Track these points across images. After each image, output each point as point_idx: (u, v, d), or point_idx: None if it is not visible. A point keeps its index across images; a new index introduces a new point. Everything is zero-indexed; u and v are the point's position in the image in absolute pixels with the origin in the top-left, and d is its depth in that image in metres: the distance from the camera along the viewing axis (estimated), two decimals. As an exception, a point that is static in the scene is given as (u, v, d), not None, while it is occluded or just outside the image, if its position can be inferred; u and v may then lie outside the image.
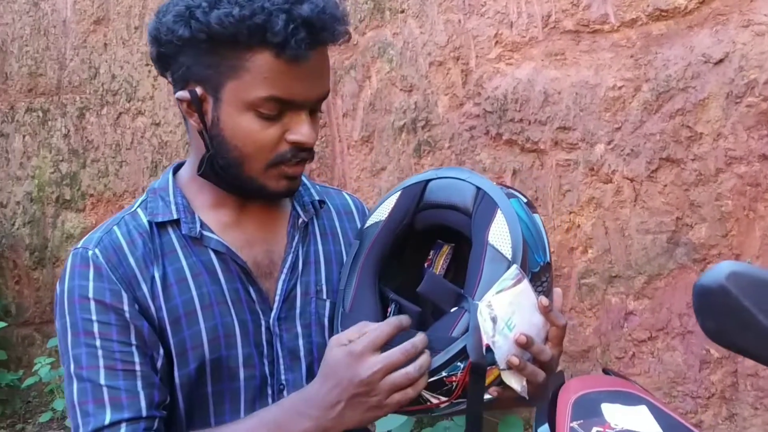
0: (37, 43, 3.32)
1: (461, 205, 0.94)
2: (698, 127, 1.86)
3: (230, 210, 1.01)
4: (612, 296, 2.05)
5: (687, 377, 1.95)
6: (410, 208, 0.98)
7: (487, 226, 0.89)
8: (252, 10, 0.85)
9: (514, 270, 0.86)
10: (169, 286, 0.95)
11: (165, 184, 1.02)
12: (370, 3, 2.42)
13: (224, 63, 0.89)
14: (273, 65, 0.88)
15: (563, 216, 2.11)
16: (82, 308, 0.92)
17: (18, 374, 3.42)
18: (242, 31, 0.86)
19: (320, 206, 1.09)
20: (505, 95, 2.17)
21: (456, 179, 0.96)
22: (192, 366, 0.95)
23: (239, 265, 0.98)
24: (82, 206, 3.28)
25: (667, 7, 1.89)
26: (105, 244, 0.95)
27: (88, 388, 0.90)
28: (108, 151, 3.17)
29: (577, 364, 2.12)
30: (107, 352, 0.91)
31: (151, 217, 0.98)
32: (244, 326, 0.97)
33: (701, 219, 1.88)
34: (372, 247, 0.98)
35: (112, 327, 0.91)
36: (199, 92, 0.92)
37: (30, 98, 3.39)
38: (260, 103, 0.89)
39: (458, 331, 0.85)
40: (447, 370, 0.85)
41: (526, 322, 0.87)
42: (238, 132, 0.91)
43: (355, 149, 2.49)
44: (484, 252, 0.88)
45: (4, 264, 3.57)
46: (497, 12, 2.18)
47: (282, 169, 0.94)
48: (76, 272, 0.94)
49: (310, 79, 0.91)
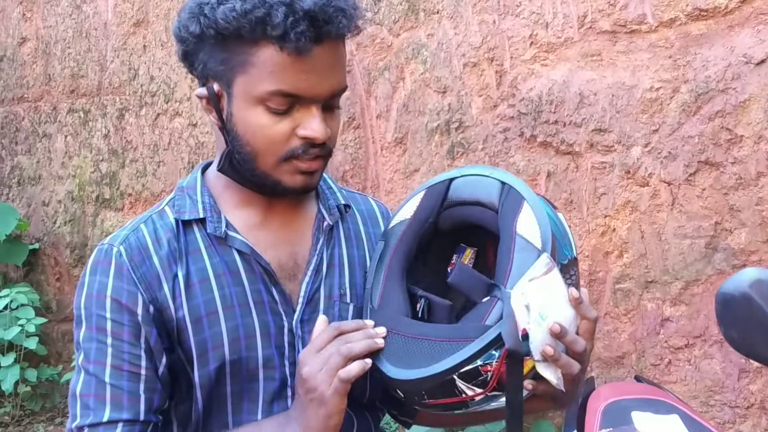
0: (79, 45, 3.39)
1: (486, 201, 0.94)
2: (738, 130, 1.82)
3: (256, 210, 1.01)
4: (648, 302, 2.01)
5: (725, 386, 1.90)
6: (435, 206, 0.98)
7: (514, 218, 0.89)
8: (253, 4, 0.86)
9: (545, 258, 0.86)
10: (191, 286, 0.96)
11: (193, 182, 1.02)
12: (404, 4, 2.42)
13: (233, 58, 0.90)
14: (277, 59, 0.88)
15: (598, 219, 2.07)
16: (99, 304, 0.94)
17: (58, 369, 3.49)
18: (244, 25, 0.86)
19: (345, 210, 1.08)
20: (540, 97, 2.15)
21: (480, 176, 0.96)
22: (212, 366, 0.95)
23: (263, 266, 0.98)
24: (121, 205, 3.34)
25: (706, 7, 1.85)
26: (130, 242, 0.96)
27: (92, 382, 0.92)
28: (146, 152, 3.23)
29: (611, 370, 2.09)
30: (116, 351, 0.93)
31: (178, 215, 0.98)
32: (265, 328, 0.98)
33: (741, 224, 1.84)
34: (398, 246, 0.98)
35: (124, 327, 0.93)
36: (215, 88, 0.93)
37: (72, 99, 3.47)
38: (268, 97, 0.90)
39: (492, 319, 0.85)
40: (482, 358, 0.84)
41: (558, 313, 0.86)
42: (249, 127, 0.92)
43: (389, 151, 2.49)
44: (513, 242, 0.88)
45: (46, 261, 3.65)
46: (532, 12, 2.16)
47: (295, 164, 0.93)
48: (98, 267, 0.95)
49: (317, 73, 0.90)
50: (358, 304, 1.03)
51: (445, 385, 0.86)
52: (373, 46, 2.49)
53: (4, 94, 3.73)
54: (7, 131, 3.74)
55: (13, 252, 3.54)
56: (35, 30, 3.56)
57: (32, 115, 3.63)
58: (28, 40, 3.59)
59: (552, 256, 0.87)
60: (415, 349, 0.88)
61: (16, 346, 3.22)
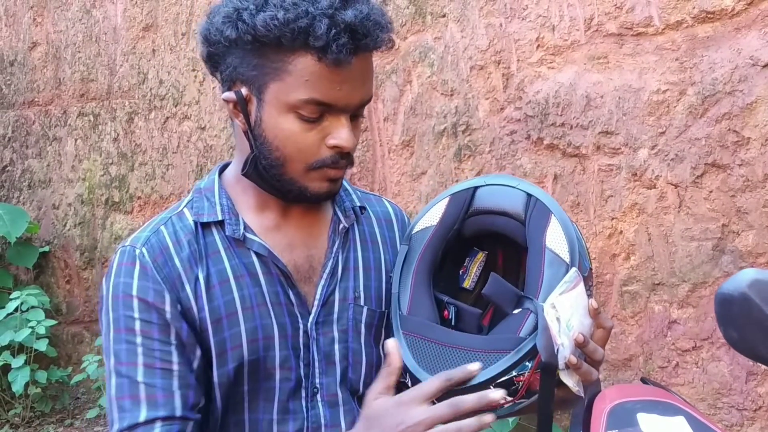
0: (89, 49, 3.42)
1: (512, 211, 0.96)
2: (745, 132, 1.82)
3: (273, 213, 1.02)
4: (655, 304, 2.01)
5: (733, 389, 1.90)
6: (460, 213, 1.00)
7: (543, 231, 0.92)
8: (296, 14, 0.86)
9: (573, 272, 0.88)
10: (212, 287, 0.97)
11: (211, 184, 1.03)
12: (411, 8, 2.43)
13: (268, 65, 0.90)
14: (314, 69, 0.89)
15: (605, 222, 2.07)
16: (126, 305, 0.94)
17: (67, 371, 3.51)
18: (286, 34, 0.87)
19: (361, 212, 1.10)
20: (547, 99, 2.15)
21: (505, 186, 0.98)
22: (230, 366, 0.96)
23: (280, 268, 0.99)
24: (130, 208, 3.36)
25: (713, 9, 1.85)
26: (152, 244, 0.97)
27: (125, 384, 0.92)
28: (155, 155, 3.25)
29: (618, 372, 2.09)
30: (147, 350, 0.93)
31: (197, 218, 0.99)
32: (282, 329, 0.99)
33: (748, 226, 1.83)
34: (425, 252, 0.99)
35: (153, 325, 0.93)
36: (244, 93, 0.94)
37: (82, 103, 3.50)
38: (301, 105, 0.90)
39: (525, 331, 0.87)
40: (516, 369, 0.86)
41: (580, 323, 0.88)
42: (279, 133, 0.93)
43: (396, 153, 2.50)
44: (543, 256, 0.90)
45: (56, 264, 3.68)
46: (539, 15, 2.16)
47: (324, 172, 0.95)
48: (122, 269, 0.95)
49: (351, 83, 0.92)
50: (372, 307, 1.05)
51: None
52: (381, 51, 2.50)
53: (15, 98, 3.76)
54: (18, 135, 3.77)
55: (24, 254, 3.57)
56: (45, 34, 3.59)
57: (42, 119, 3.66)
58: (39, 44, 3.62)
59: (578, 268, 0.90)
60: (449, 358, 0.89)
61: (26, 347, 3.25)
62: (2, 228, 3.35)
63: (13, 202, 3.78)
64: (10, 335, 3.17)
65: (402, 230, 1.14)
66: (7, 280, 3.63)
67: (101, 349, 3.23)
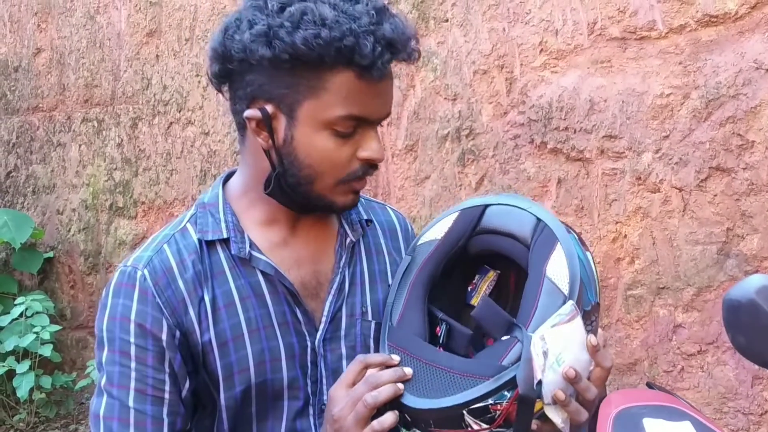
0: (93, 55, 3.43)
1: (519, 235, 0.94)
2: (750, 135, 1.82)
3: (281, 227, 1.00)
4: (660, 308, 2.01)
5: (738, 393, 1.89)
6: (467, 230, 0.98)
7: (546, 259, 0.89)
8: (341, 32, 0.85)
9: (570, 306, 0.86)
10: (217, 310, 0.95)
11: (215, 199, 1.01)
12: (414, 12, 2.43)
13: (303, 83, 0.88)
14: (354, 85, 0.88)
15: (609, 226, 2.07)
16: (122, 328, 0.93)
17: (72, 376, 3.51)
18: (330, 53, 0.85)
19: (367, 224, 1.09)
20: (550, 103, 2.15)
21: (516, 207, 0.96)
22: (238, 389, 0.96)
23: (286, 287, 0.98)
24: (134, 213, 3.37)
25: (716, 13, 1.85)
26: (154, 265, 0.95)
27: (116, 406, 0.92)
28: (159, 160, 3.25)
29: (623, 377, 2.08)
30: (140, 375, 0.92)
31: (201, 235, 0.98)
32: (290, 349, 0.98)
33: (753, 230, 1.83)
34: (424, 265, 0.98)
35: (148, 352, 0.93)
36: (270, 110, 0.91)
37: (86, 109, 3.51)
38: (338, 121, 0.89)
39: (509, 360, 0.85)
40: (494, 398, 0.84)
41: (574, 358, 0.86)
42: (312, 150, 0.91)
43: (399, 158, 2.50)
44: (541, 284, 0.88)
45: (60, 269, 3.68)
46: (542, 20, 2.16)
47: (351, 185, 0.95)
48: (122, 290, 0.94)
49: (384, 96, 0.92)
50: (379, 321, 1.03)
51: (454, 418, 0.86)
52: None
53: (20, 104, 3.77)
54: (22, 141, 3.78)
55: (28, 260, 3.57)
56: (50, 40, 3.60)
57: (47, 125, 3.67)
58: (43, 50, 3.64)
59: (577, 302, 0.87)
60: (429, 377, 0.88)
61: (31, 353, 3.25)
62: (7, 234, 3.36)
63: (17, 208, 3.79)
64: (14, 340, 3.18)
65: (406, 239, 1.13)
66: (11, 286, 3.63)
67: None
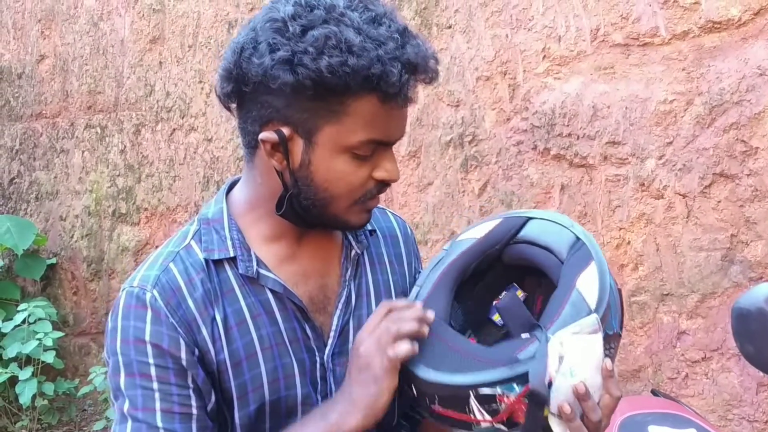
0: (96, 62, 3.44)
1: (556, 250, 0.95)
2: (753, 142, 1.81)
3: (287, 242, 1.00)
4: (664, 315, 2.00)
5: (743, 400, 1.88)
6: (506, 236, 0.99)
7: (578, 272, 0.90)
8: (369, 60, 0.83)
9: (594, 319, 0.86)
10: (229, 329, 0.94)
11: (219, 215, 1.00)
12: (417, 19, 2.43)
13: (324, 107, 0.87)
14: (377, 110, 0.87)
15: (613, 232, 2.07)
16: (138, 350, 0.90)
17: (74, 382, 3.51)
18: (357, 80, 0.84)
19: (371, 235, 1.08)
20: (553, 110, 2.15)
21: (558, 224, 0.97)
22: (252, 407, 0.95)
23: (295, 303, 0.97)
24: (137, 220, 3.37)
25: (720, 19, 1.85)
26: (163, 284, 0.93)
27: (143, 429, 0.89)
28: (162, 166, 3.25)
29: (627, 384, 2.07)
30: (165, 395, 0.90)
31: (207, 254, 0.96)
32: (302, 365, 0.97)
33: (757, 236, 1.82)
34: (459, 258, 0.99)
35: (169, 370, 0.90)
36: (286, 133, 0.89)
37: (89, 115, 3.51)
38: (359, 146, 0.89)
39: (525, 354, 0.85)
40: (503, 387, 0.84)
41: (587, 377, 0.85)
42: (331, 174, 0.90)
43: (402, 164, 2.50)
44: (570, 294, 0.88)
45: (63, 275, 3.68)
46: (545, 26, 2.16)
47: (366, 204, 0.94)
48: (131, 313, 0.92)
49: (402, 118, 0.92)
50: None
51: (460, 399, 0.86)
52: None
53: (23, 110, 3.78)
54: (26, 147, 3.79)
55: (31, 266, 3.57)
56: (53, 47, 3.61)
57: (50, 131, 3.68)
58: (47, 57, 3.65)
59: (602, 320, 0.87)
60: (444, 355, 0.88)
61: (33, 359, 3.25)
62: (10, 240, 3.36)
63: (20, 214, 3.79)
64: (17, 347, 3.17)
65: (407, 244, 1.13)
66: (14, 292, 3.63)
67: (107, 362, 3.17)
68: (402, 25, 0.88)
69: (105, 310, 3.51)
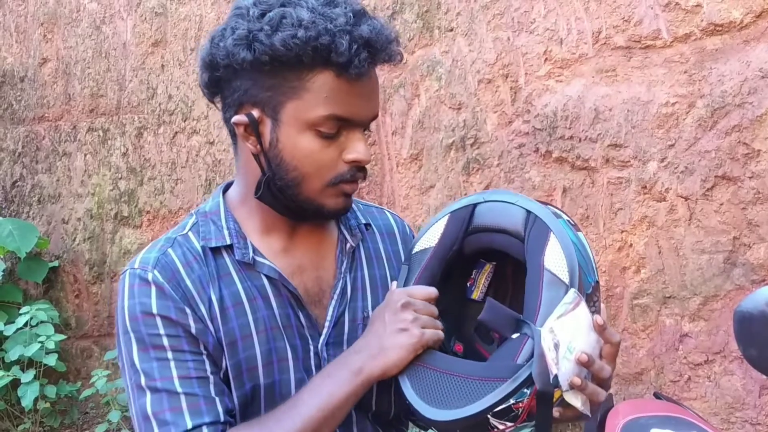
0: (99, 65, 3.45)
1: (511, 229, 0.95)
2: (756, 144, 1.81)
3: (281, 235, 1.01)
4: (666, 317, 2.00)
5: (746, 403, 1.88)
6: (459, 232, 0.99)
7: (541, 251, 0.90)
8: (317, 32, 0.87)
9: (573, 294, 0.87)
10: (225, 309, 0.96)
11: (216, 207, 1.02)
12: (419, 22, 2.44)
13: (284, 84, 0.90)
14: (334, 84, 0.90)
15: (615, 235, 2.07)
16: (147, 324, 0.92)
17: (76, 385, 3.51)
18: (307, 52, 0.87)
19: (366, 229, 1.09)
20: (555, 112, 2.15)
21: (504, 202, 0.96)
22: (247, 387, 0.96)
23: (290, 291, 0.99)
24: (139, 223, 3.38)
25: (721, 22, 1.85)
26: (162, 265, 0.95)
27: (163, 397, 0.91)
28: (164, 169, 3.26)
29: (629, 387, 2.07)
30: (180, 363, 0.92)
31: (205, 242, 0.98)
32: (294, 351, 0.98)
33: (760, 239, 1.82)
34: (422, 274, 0.99)
35: (181, 339, 0.92)
36: (256, 115, 0.93)
37: (91, 118, 3.52)
38: (321, 122, 0.91)
39: (523, 357, 0.86)
40: (515, 397, 0.85)
41: (584, 343, 0.87)
42: (297, 152, 0.92)
43: (404, 167, 2.50)
44: (542, 277, 0.88)
45: (65, 278, 3.69)
46: (546, 29, 2.17)
47: (340, 187, 0.95)
48: (135, 291, 0.94)
49: (366, 97, 0.94)
50: None
51: (479, 423, 0.87)
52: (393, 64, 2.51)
53: (25, 113, 3.79)
54: (28, 150, 3.80)
55: (34, 269, 3.58)
56: (56, 51, 3.62)
57: (52, 134, 3.68)
58: (49, 60, 3.65)
59: (579, 288, 0.88)
60: (447, 386, 0.88)
61: (35, 362, 3.25)
62: (12, 243, 3.37)
63: (23, 217, 3.80)
64: (19, 350, 3.17)
65: (404, 241, 1.14)
66: (16, 295, 3.64)
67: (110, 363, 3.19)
68: (359, 8, 0.92)
69: (107, 313, 3.51)
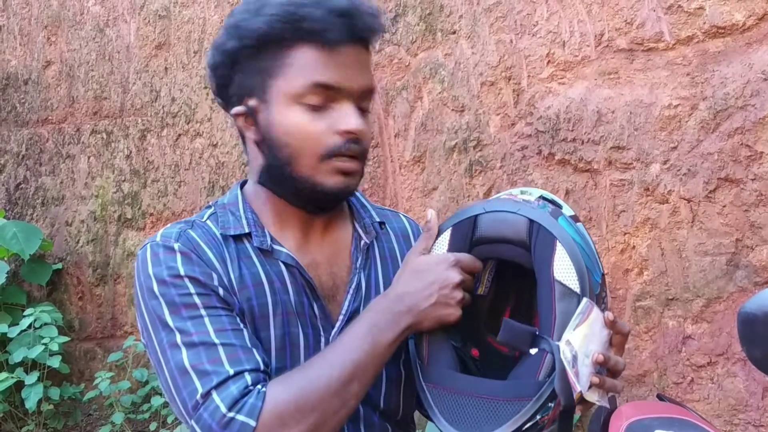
0: (102, 68, 3.46)
1: (515, 239, 0.95)
2: (758, 146, 1.81)
3: (295, 230, 1.02)
4: (669, 319, 2.00)
5: (749, 405, 1.88)
6: (464, 246, 0.99)
7: (550, 262, 0.90)
8: (296, 6, 0.92)
9: (585, 303, 0.88)
10: (246, 287, 0.96)
11: (234, 199, 1.04)
12: (422, 24, 2.44)
13: (270, 64, 0.95)
14: (314, 54, 0.93)
15: (618, 237, 2.07)
16: (177, 286, 0.92)
17: (80, 387, 3.51)
18: (285, 26, 0.92)
19: (381, 227, 1.10)
20: (558, 115, 2.16)
21: (505, 212, 0.96)
22: None
23: (306, 279, 1.00)
24: (143, 225, 3.38)
25: (724, 24, 1.85)
26: (184, 239, 0.96)
27: (201, 350, 0.89)
28: (167, 172, 3.27)
29: (633, 388, 2.07)
30: (214, 318, 0.91)
31: (223, 231, 1.00)
32: (306, 339, 0.99)
33: (762, 240, 1.82)
34: None
35: (212, 297, 0.93)
36: (253, 104, 0.97)
37: (95, 121, 3.53)
38: (305, 92, 0.93)
39: (544, 373, 0.87)
40: (540, 413, 0.87)
41: (599, 343, 0.89)
42: (288, 127, 0.95)
43: (407, 169, 2.51)
44: (553, 290, 0.89)
45: (69, 281, 3.69)
46: (549, 31, 2.17)
47: (334, 164, 0.95)
48: (161, 258, 0.94)
49: (350, 67, 0.95)
50: None
51: None
52: (390, 66, 2.51)
53: (29, 116, 3.80)
54: (32, 152, 3.81)
55: (37, 272, 3.58)
56: (59, 53, 3.63)
57: (56, 137, 3.69)
58: (53, 63, 3.67)
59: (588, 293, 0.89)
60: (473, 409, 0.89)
61: (39, 364, 3.26)
62: (16, 245, 3.38)
63: (26, 220, 3.80)
64: (23, 352, 3.18)
65: None
66: (20, 297, 3.64)
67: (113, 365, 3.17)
68: None
69: (110, 315, 3.52)
